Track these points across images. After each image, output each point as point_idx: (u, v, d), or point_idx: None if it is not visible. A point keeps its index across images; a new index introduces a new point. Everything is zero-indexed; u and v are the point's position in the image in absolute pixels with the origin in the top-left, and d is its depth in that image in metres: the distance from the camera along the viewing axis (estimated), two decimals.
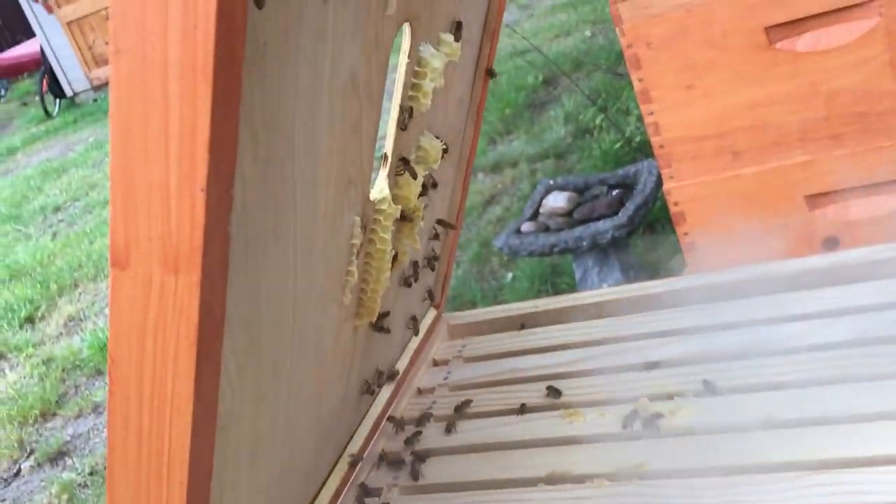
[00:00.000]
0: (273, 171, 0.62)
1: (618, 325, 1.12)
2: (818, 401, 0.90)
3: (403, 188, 0.88)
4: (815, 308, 1.03)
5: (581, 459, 0.94)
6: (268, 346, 0.72)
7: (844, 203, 1.79)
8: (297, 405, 0.82)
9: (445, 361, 1.19)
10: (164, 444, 0.57)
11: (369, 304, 0.90)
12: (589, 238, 2.52)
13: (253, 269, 0.64)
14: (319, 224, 0.74)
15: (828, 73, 1.66)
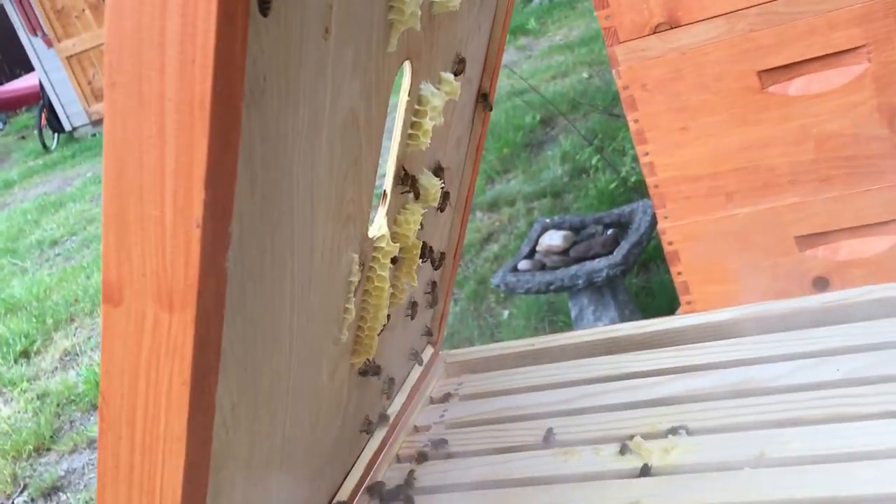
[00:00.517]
0: (271, 207, 0.61)
1: (613, 363, 1.11)
2: (809, 440, 0.89)
3: (402, 226, 0.87)
4: (807, 348, 1.02)
5: (575, 498, 0.92)
6: (263, 383, 0.70)
7: (834, 244, 1.78)
8: (291, 444, 0.81)
9: (442, 399, 1.17)
10: (156, 485, 0.56)
11: (367, 341, 0.89)
12: (584, 276, 2.52)
13: (249, 307, 0.63)
14: (317, 261, 0.73)
15: (818, 116, 1.67)
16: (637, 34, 1.72)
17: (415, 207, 0.89)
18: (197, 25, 0.44)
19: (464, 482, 1.01)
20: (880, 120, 1.65)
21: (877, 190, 1.69)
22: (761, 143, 1.72)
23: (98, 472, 0.59)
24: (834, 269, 1.79)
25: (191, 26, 0.44)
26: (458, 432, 1.10)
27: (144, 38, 0.45)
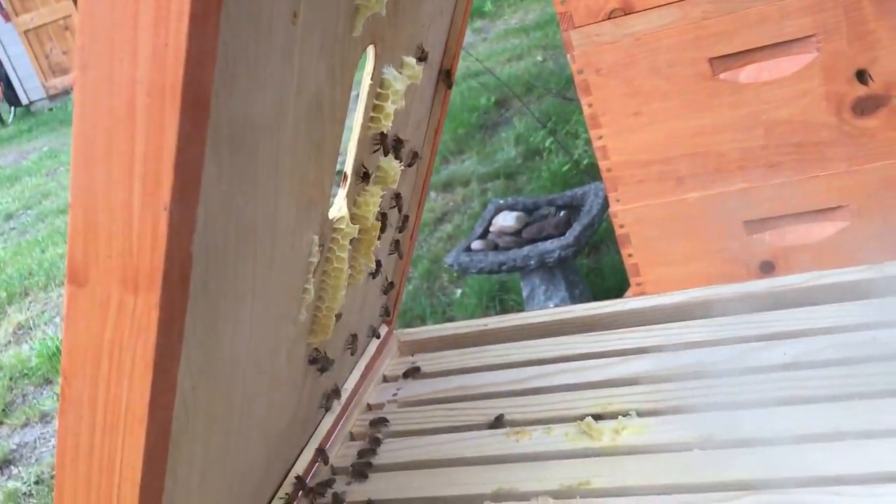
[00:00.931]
0: (236, 191, 0.61)
1: (565, 345, 1.13)
2: (758, 422, 0.92)
3: (361, 207, 0.88)
4: (755, 332, 1.04)
5: (526, 477, 0.94)
6: (223, 364, 0.71)
7: (781, 229, 1.82)
8: (248, 423, 0.81)
9: (396, 378, 1.19)
10: (116, 465, 0.56)
11: (324, 321, 0.89)
12: (537, 257, 2.54)
13: (212, 289, 0.63)
14: (279, 243, 0.73)
15: (768, 104, 1.70)
16: (592, 19, 1.73)
17: (374, 189, 0.89)
18: (171, 9, 0.44)
19: (415, 460, 1.03)
20: (828, 108, 1.68)
21: (823, 177, 1.73)
22: (712, 128, 1.75)
23: (57, 451, 0.59)
24: (780, 253, 1.83)
25: (164, 10, 0.44)
26: (411, 411, 1.11)
27: (118, 21, 0.45)
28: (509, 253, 2.62)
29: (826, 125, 1.70)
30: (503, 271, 2.64)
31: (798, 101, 1.69)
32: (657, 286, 1.88)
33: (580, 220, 2.59)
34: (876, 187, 1.73)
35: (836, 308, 1.04)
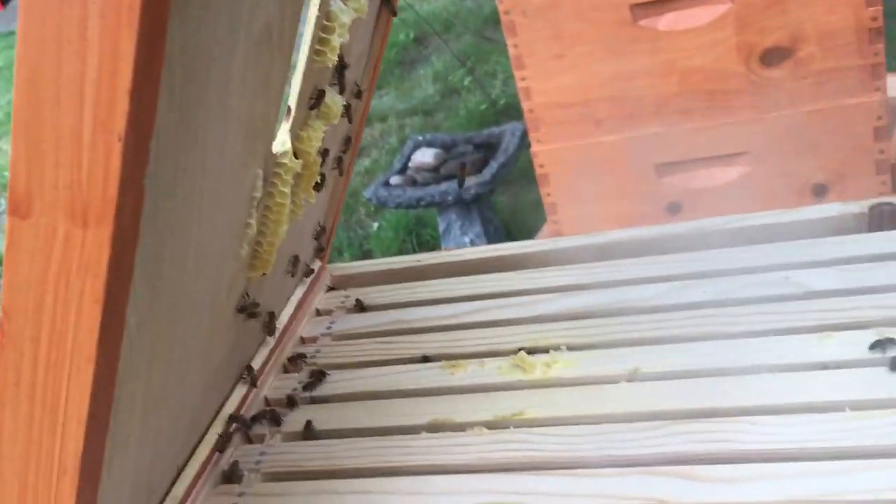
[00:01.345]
0: (187, 122, 0.56)
1: (498, 281, 1.11)
2: (681, 356, 0.92)
3: (304, 143, 0.83)
4: (676, 271, 1.04)
5: (461, 408, 0.93)
6: (167, 299, 0.66)
7: (689, 173, 1.84)
8: (188, 358, 0.77)
9: (329, 311, 1.15)
10: (61, 402, 0.51)
11: (265, 256, 0.85)
12: (454, 193, 2.52)
13: (160, 224, 0.58)
14: (225, 177, 0.68)
15: (684, 52, 1.69)
16: None
17: (317, 124, 0.84)
18: None
19: (351, 392, 1.00)
20: (738, 58, 1.69)
21: (731, 124, 1.75)
22: (631, 74, 1.74)
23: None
24: (687, 195, 1.85)
25: None
26: (345, 344, 1.09)
27: None
28: (427, 188, 2.59)
29: (736, 74, 1.71)
30: (421, 206, 2.62)
31: (711, 50, 1.69)
32: (572, 225, 1.88)
33: (497, 158, 2.58)
34: (777, 136, 1.76)
35: (751, 249, 1.05)
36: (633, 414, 0.87)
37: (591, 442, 0.84)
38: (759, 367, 0.88)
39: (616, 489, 0.79)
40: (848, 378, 0.84)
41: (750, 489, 0.75)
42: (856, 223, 1.03)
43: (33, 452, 0.53)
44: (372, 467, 0.89)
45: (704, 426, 0.83)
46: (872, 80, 1.63)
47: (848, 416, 0.79)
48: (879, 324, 0.89)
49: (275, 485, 0.90)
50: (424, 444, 0.89)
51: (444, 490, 0.84)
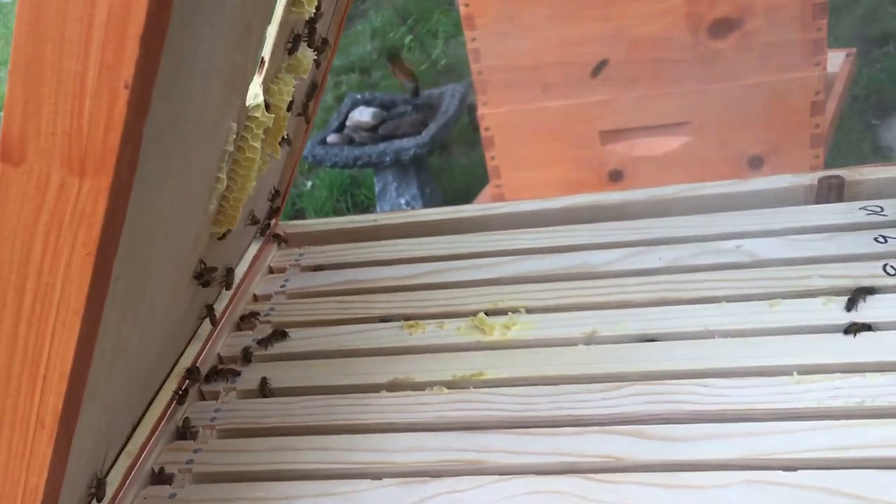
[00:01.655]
0: (178, 70, 0.55)
1: (456, 243, 1.12)
2: (637, 320, 0.95)
3: (275, 97, 0.82)
4: (633, 237, 1.07)
5: (421, 368, 0.94)
6: (142, 252, 0.65)
7: (632, 141, 1.88)
8: (153, 311, 0.76)
9: (282, 269, 1.15)
10: (43, 355, 0.50)
11: (231, 212, 0.84)
12: (392, 154, 2.52)
13: (147, 175, 0.57)
14: (204, 129, 0.67)
15: (633, 20, 1.72)
16: None
17: (287, 78, 0.84)
18: None
19: (309, 350, 1.00)
20: (687, 28, 1.73)
21: (676, 93, 1.79)
22: (580, 39, 1.76)
23: None
24: (629, 163, 1.89)
25: None
26: (301, 303, 1.08)
27: None
28: (365, 148, 2.58)
29: (683, 44, 1.75)
30: (357, 166, 2.61)
31: (661, 19, 1.72)
32: (515, 189, 1.91)
33: (436, 120, 2.58)
34: (719, 107, 1.81)
35: (705, 218, 1.08)
36: (589, 376, 0.89)
37: (549, 402, 0.87)
38: (711, 332, 0.92)
39: (572, 447, 0.81)
40: (795, 344, 0.88)
41: (699, 447, 0.79)
42: (805, 195, 1.07)
43: (9, 406, 0.52)
44: (331, 425, 0.89)
45: (658, 388, 0.86)
46: (813, 54, 1.68)
47: (794, 380, 0.83)
48: (826, 292, 0.93)
49: (231, 441, 0.90)
50: (384, 402, 0.90)
51: (403, 447, 0.85)
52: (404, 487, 0.80)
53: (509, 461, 0.81)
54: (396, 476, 0.82)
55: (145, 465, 0.86)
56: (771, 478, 0.74)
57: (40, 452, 0.53)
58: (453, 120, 2.62)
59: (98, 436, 0.74)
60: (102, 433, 0.76)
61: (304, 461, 0.85)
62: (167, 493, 0.84)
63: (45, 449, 0.53)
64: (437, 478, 0.81)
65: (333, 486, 0.82)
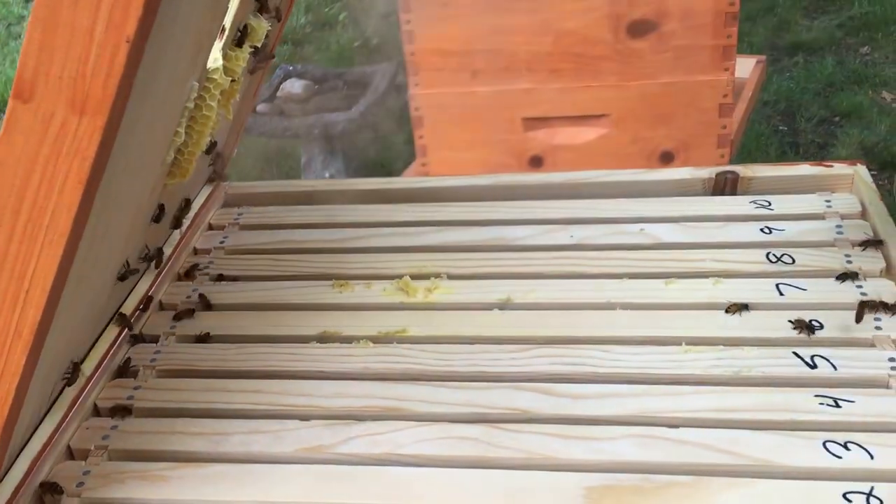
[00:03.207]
0: (165, 31, 0.62)
1: (386, 211, 1.20)
2: (547, 290, 1.05)
3: (232, 62, 0.89)
4: (548, 216, 1.17)
5: (349, 323, 1.02)
6: (114, 189, 0.72)
7: (553, 129, 1.97)
8: (111, 248, 0.83)
9: (222, 226, 1.21)
10: (28, 272, 0.57)
11: (185, 164, 0.91)
12: (321, 127, 2.57)
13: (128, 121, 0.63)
14: (174, 85, 0.74)
15: (559, 14, 1.81)
16: None
17: (244, 45, 0.91)
18: None
19: (243, 302, 1.07)
20: (608, 26, 1.82)
21: (595, 87, 1.89)
22: (509, 29, 1.84)
23: None
24: (549, 150, 1.98)
25: None
26: (238, 258, 1.15)
27: None
28: (294, 120, 2.62)
29: (603, 41, 1.84)
30: (286, 136, 2.65)
31: (584, 16, 1.82)
32: (440, 168, 1.99)
33: (367, 97, 2.64)
34: (635, 103, 1.91)
35: (613, 202, 1.19)
36: (502, 338, 0.99)
37: (465, 359, 0.96)
38: (613, 304, 1.02)
39: (483, 399, 0.91)
40: (686, 318, 0.99)
41: (595, 405, 0.89)
42: (703, 187, 1.19)
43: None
44: (263, 370, 0.97)
45: (564, 351, 0.96)
46: (723, 60, 1.81)
47: (682, 350, 0.94)
48: (716, 274, 1.04)
49: (168, 380, 0.97)
50: (313, 352, 0.98)
51: (329, 394, 0.93)
52: (330, 428, 0.89)
53: (426, 409, 0.90)
54: (323, 418, 0.90)
55: (88, 398, 0.92)
56: (656, 433, 0.85)
57: (14, 361, 0.59)
58: (383, 98, 2.68)
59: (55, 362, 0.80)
60: (59, 360, 0.82)
61: (237, 402, 0.93)
62: (109, 424, 0.90)
63: (18, 358, 0.59)
64: (360, 421, 0.89)
65: (264, 425, 0.90)
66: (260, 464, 0.85)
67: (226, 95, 0.94)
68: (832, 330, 0.94)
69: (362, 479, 0.83)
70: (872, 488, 0.77)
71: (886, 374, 0.88)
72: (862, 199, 1.12)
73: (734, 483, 0.79)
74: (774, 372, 0.90)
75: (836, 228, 1.08)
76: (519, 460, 0.84)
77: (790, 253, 1.05)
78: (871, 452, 0.80)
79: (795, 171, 1.18)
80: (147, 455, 0.87)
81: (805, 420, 0.84)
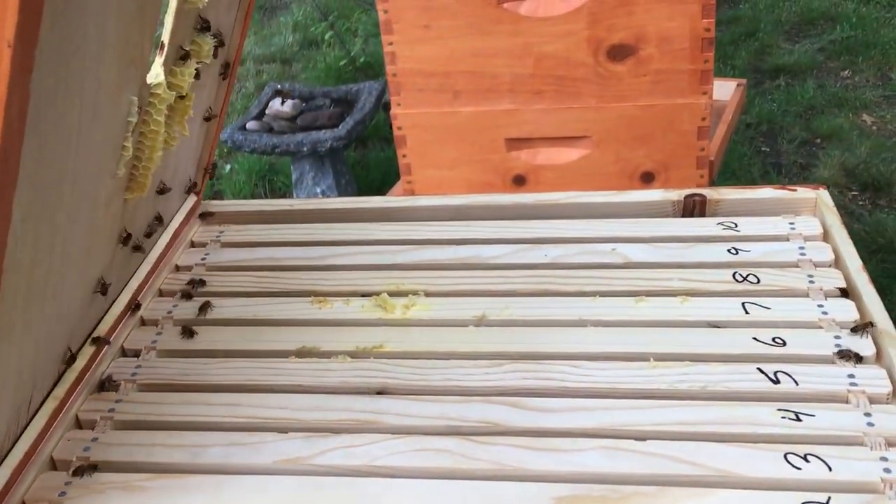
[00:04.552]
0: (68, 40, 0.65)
1: (363, 230, 1.23)
2: (521, 308, 1.08)
3: (177, 77, 0.93)
4: (522, 235, 1.20)
5: (327, 339, 1.05)
6: (48, 204, 0.75)
7: (535, 149, 2.00)
8: (67, 265, 0.86)
9: (203, 244, 1.24)
10: None
11: (141, 179, 0.95)
12: (309, 144, 2.60)
13: (42, 130, 0.66)
14: (102, 97, 0.77)
15: (541, 37, 1.85)
16: None
17: (189, 61, 0.94)
18: None
19: (223, 318, 1.10)
20: (588, 49, 1.86)
21: (576, 108, 1.92)
22: (491, 52, 1.87)
23: None
24: (531, 170, 2.01)
25: None
26: (220, 275, 1.18)
27: None
28: (283, 137, 2.65)
29: (584, 64, 1.88)
30: (276, 154, 2.68)
31: (564, 40, 1.85)
32: (424, 186, 2.02)
33: (353, 115, 2.67)
34: (615, 124, 1.95)
35: (586, 223, 1.22)
36: (477, 353, 1.02)
37: (440, 374, 0.99)
38: (584, 321, 1.05)
39: (457, 413, 0.93)
40: (654, 335, 1.02)
41: (565, 418, 0.92)
42: (673, 209, 1.22)
43: None
44: (243, 384, 0.99)
45: (536, 366, 0.99)
46: (701, 84, 1.85)
47: (651, 366, 0.97)
48: (684, 293, 1.07)
49: (149, 394, 0.99)
50: (292, 367, 1.01)
51: (308, 407, 0.96)
52: (307, 440, 0.91)
53: (401, 423, 0.93)
54: (301, 430, 0.92)
55: (70, 411, 0.94)
56: (624, 445, 0.88)
57: None
58: (369, 116, 2.72)
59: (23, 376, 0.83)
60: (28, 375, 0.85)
61: (216, 415, 0.95)
62: (89, 436, 0.93)
63: None
64: (337, 434, 0.92)
65: (243, 437, 0.92)
66: (238, 475, 0.88)
67: (178, 112, 0.97)
68: (795, 347, 0.97)
69: (338, 490, 0.86)
70: (829, 498, 0.79)
71: (846, 389, 0.91)
72: (824, 221, 1.16)
73: (697, 493, 0.82)
74: (739, 387, 0.93)
75: (800, 250, 1.11)
76: (491, 471, 0.86)
77: (755, 273, 1.09)
78: (830, 464, 0.83)
79: (760, 194, 1.21)
80: (127, 466, 0.90)
81: (767, 433, 0.87)
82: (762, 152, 3.04)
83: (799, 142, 3.01)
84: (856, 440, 0.85)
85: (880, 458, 0.83)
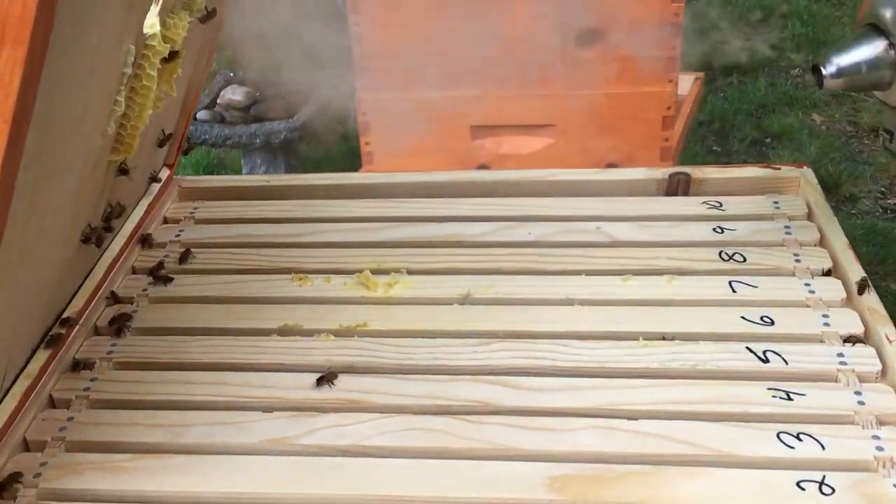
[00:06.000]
0: None
1: (342, 206, 1.21)
2: (505, 286, 1.07)
3: (171, 30, 0.90)
4: (506, 213, 1.19)
5: (310, 317, 1.02)
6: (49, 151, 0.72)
7: (500, 137, 2.00)
8: (55, 226, 0.83)
9: (177, 220, 1.20)
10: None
11: (128, 140, 0.92)
12: (263, 136, 2.55)
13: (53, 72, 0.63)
14: (104, 43, 0.74)
15: (510, 22, 1.83)
16: None
17: (182, 14, 0.92)
18: None
19: (203, 296, 1.07)
20: (555, 34, 1.86)
21: (543, 96, 1.92)
22: (459, 35, 1.85)
23: None
24: (496, 159, 2.00)
25: None
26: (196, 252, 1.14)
27: None
28: (236, 128, 2.60)
29: (551, 49, 1.87)
30: (227, 146, 2.63)
31: (533, 24, 1.84)
32: None
33: (310, 105, 2.63)
34: (581, 113, 1.95)
35: (570, 201, 1.22)
36: (463, 332, 1.00)
37: (426, 352, 0.98)
38: (571, 299, 1.05)
39: (445, 392, 0.92)
40: (642, 314, 1.02)
41: (555, 397, 0.91)
42: (657, 187, 1.23)
43: None
44: (224, 363, 0.97)
45: (523, 345, 0.98)
46: (667, 72, 1.86)
47: (640, 345, 0.97)
48: (670, 271, 1.08)
49: (126, 373, 0.96)
50: (275, 345, 0.99)
51: (290, 386, 0.93)
52: (293, 420, 0.89)
53: (389, 402, 0.91)
54: (286, 410, 0.90)
55: (43, 390, 0.90)
56: (616, 424, 0.87)
57: None
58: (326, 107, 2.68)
59: None
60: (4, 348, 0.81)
61: (199, 393, 0.92)
62: (65, 416, 0.89)
63: None
64: (323, 413, 0.90)
65: (227, 416, 0.89)
66: (223, 455, 0.85)
67: (168, 71, 0.94)
68: (783, 326, 0.98)
69: (327, 470, 0.84)
70: (825, 477, 0.80)
71: (835, 368, 0.92)
72: (808, 200, 1.17)
73: (691, 472, 0.82)
74: (729, 366, 0.93)
75: (785, 229, 1.12)
76: (483, 451, 0.85)
77: (742, 252, 1.09)
78: (823, 443, 0.83)
79: (745, 172, 1.22)
80: (105, 447, 0.87)
81: (759, 412, 0.88)
82: (713, 151, 3.08)
83: (750, 140, 3.06)
84: (847, 419, 0.86)
85: (872, 436, 0.83)
